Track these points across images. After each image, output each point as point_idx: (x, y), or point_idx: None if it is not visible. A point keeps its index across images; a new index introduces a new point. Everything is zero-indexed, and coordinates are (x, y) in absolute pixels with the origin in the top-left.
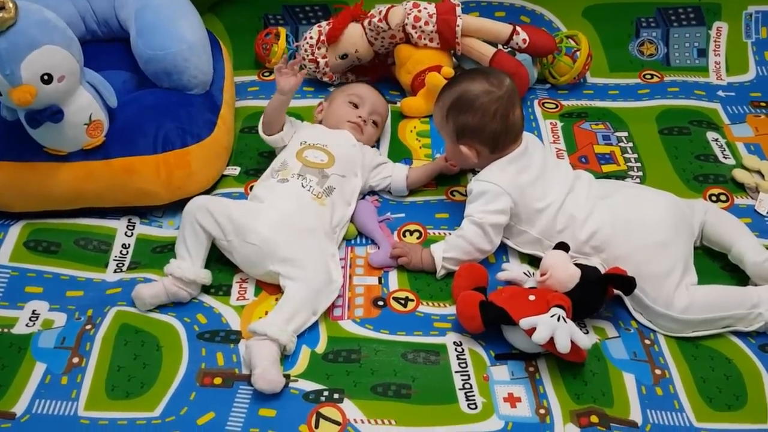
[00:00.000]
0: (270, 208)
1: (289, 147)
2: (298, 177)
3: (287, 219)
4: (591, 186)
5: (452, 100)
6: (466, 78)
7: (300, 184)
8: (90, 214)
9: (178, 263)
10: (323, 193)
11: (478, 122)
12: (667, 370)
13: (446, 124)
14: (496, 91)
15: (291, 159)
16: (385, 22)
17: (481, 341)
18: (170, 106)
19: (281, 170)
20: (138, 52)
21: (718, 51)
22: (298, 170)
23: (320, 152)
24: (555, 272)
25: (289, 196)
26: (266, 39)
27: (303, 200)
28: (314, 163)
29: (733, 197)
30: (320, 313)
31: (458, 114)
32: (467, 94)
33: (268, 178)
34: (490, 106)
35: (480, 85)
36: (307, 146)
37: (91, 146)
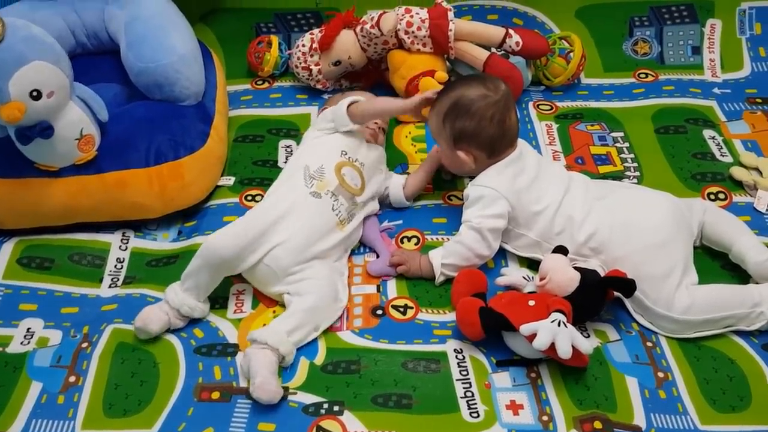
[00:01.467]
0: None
1: (330, 150)
2: (331, 196)
3: (307, 244)
4: (587, 187)
5: (449, 105)
6: (461, 84)
7: (331, 206)
8: (84, 228)
9: (188, 302)
10: (346, 219)
11: (475, 127)
12: (669, 373)
13: (443, 130)
14: (492, 95)
15: (329, 169)
16: (377, 29)
17: (482, 348)
18: (162, 118)
19: (317, 179)
20: (129, 64)
21: (712, 48)
22: (333, 188)
23: (357, 174)
24: (554, 276)
25: (317, 218)
26: (258, 47)
27: (328, 225)
28: (349, 187)
29: (732, 195)
30: (322, 329)
31: (455, 119)
32: (464, 99)
33: (302, 182)
34: (486, 111)
35: (476, 90)
36: (347, 161)
37: (83, 161)
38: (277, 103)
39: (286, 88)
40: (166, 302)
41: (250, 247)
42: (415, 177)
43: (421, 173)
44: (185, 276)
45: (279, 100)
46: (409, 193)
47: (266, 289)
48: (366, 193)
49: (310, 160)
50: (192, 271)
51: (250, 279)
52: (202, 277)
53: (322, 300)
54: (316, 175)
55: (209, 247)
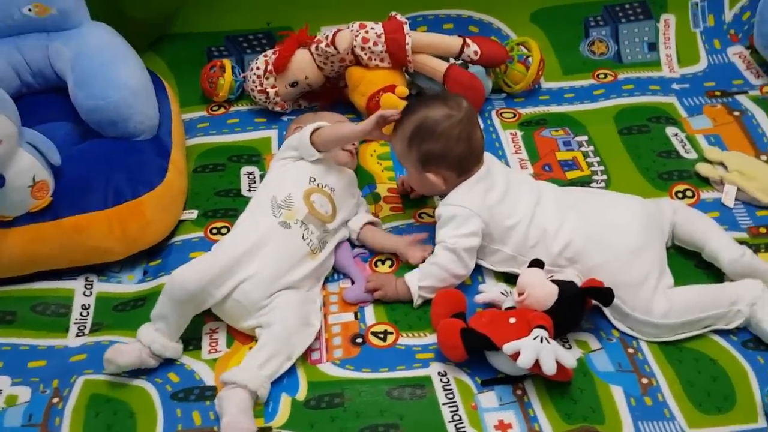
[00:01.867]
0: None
1: (297, 177)
2: (301, 225)
3: (276, 276)
4: (557, 196)
5: (413, 129)
6: (422, 105)
7: (301, 235)
8: (44, 275)
9: (160, 340)
10: (318, 248)
11: (442, 148)
12: (653, 378)
13: (409, 154)
14: (456, 114)
15: (297, 197)
16: (333, 47)
17: (465, 368)
18: (118, 156)
19: (285, 208)
20: (78, 103)
21: (668, 43)
22: (303, 216)
23: (327, 201)
24: (533, 291)
25: (286, 248)
26: (211, 73)
27: (299, 254)
28: (320, 214)
29: (699, 192)
30: (295, 357)
31: (421, 142)
32: (428, 121)
33: (269, 213)
34: (452, 131)
35: (439, 110)
36: (316, 188)
37: (38, 208)
38: (235, 128)
39: (244, 113)
40: (139, 340)
41: (216, 281)
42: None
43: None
44: (154, 315)
45: (237, 125)
46: (360, 240)
47: (238, 324)
48: (337, 219)
49: (277, 189)
50: (160, 309)
51: (221, 315)
52: (171, 315)
53: (291, 326)
54: (284, 204)
55: (174, 281)
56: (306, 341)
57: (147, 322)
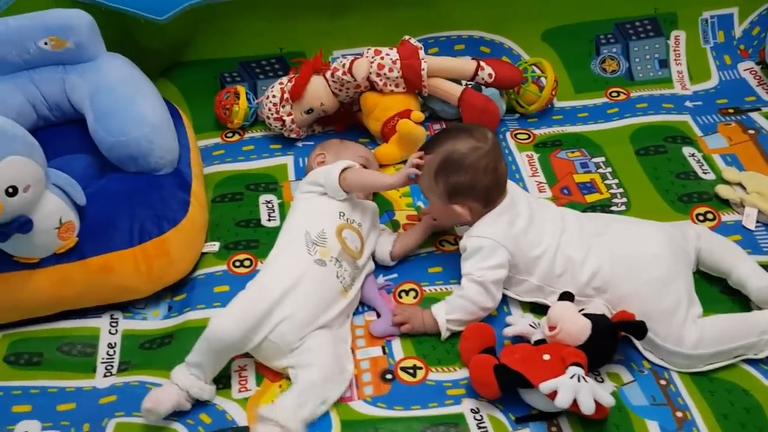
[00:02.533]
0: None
1: (327, 212)
2: (335, 263)
3: (312, 317)
4: (582, 223)
5: (439, 162)
6: (448, 137)
7: (336, 274)
8: (69, 314)
9: (197, 384)
10: (349, 285)
11: (470, 180)
12: (687, 411)
13: (435, 187)
14: (483, 146)
15: (331, 233)
16: (350, 75)
17: (498, 405)
18: (141, 193)
19: (319, 245)
20: (99, 139)
21: (679, 60)
22: (336, 253)
23: (356, 236)
24: (565, 326)
25: (322, 287)
26: (225, 99)
27: (333, 293)
28: (351, 251)
29: (720, 215)
30: (330, 403)
31: (448, 175)
32: (455, 154)
33: (304, 250)
34: (479, 163)
35: (466, 142)
36: (346, 224)
37: (64, 249)
38: (251, 155)
39: (258, 139)
40: (175, 384)
41: (255, 327)
42: (405, 241)
43: (412, 239)
44: (191, 362)
45: (253, 152)
46: (396, 256)
47: (270, 363)
48: (365, 255)
49: (310, 224)
50: (197, 356)
51: (254, 354)
52: (209, 362)
53: (327, 372)
54: (318, 240)
55: (213, 331)
56: (341, 387)
57: (180, 365)
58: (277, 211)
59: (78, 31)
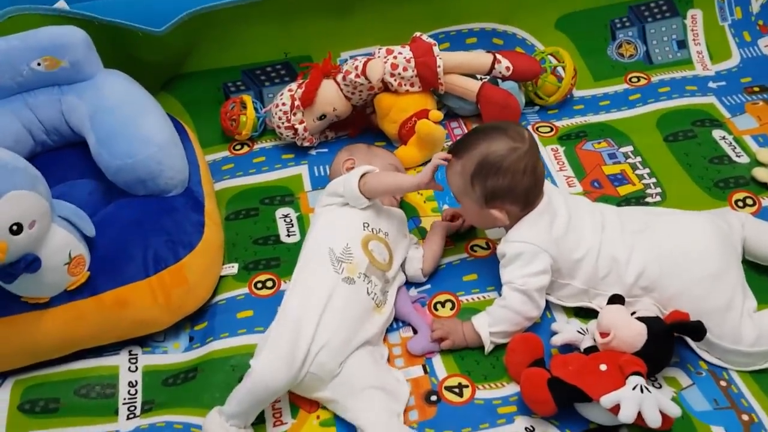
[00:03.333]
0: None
1: (350, 224)
2: (364, 279)
3: (348, 339)
4: (621, 220)
5: (475, 165)
6: (482, 138)
7: (366, 290)
8: (84, 353)
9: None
10: (382, 301)
11: (509, 183)
12: (754, 414)
13: (471, 191)
14: (520, 146)
15: (356, 247)
16: (363, 77)
17: (554, 421)
18: (152, 218)
19: (346, 261)
20: (104, 163)
21: (697, 40)
22: (364, 269)
23: (383, 247)
24: (619, 333)
25: (355, 307)
26: (231, 110)
27: (366, 311)
28: (380, 264)
29: (760, 200)
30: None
31: (486, 179)
32: (492, 156)
33: (330, 268)
34: (518, 164)
35: (502, 143)
36: (372, 235)
37: (76, 285)
38: (262, 167)
39: (269, 149)
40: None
41: (300, 366)
42: (432, 254)
43: (436, 247)
44: (229, 411)
45: (264, 164)
46: (427, 272)
47: (310, 395)
48: (394, 266)
49: (332, 240)
50: (238, 404)
51: (296, 389)
52: (252, 409)
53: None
54: (343, 257)
55: (261, 382)
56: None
57: (214, 416)
58: (296, 225)
59: (73, 48)
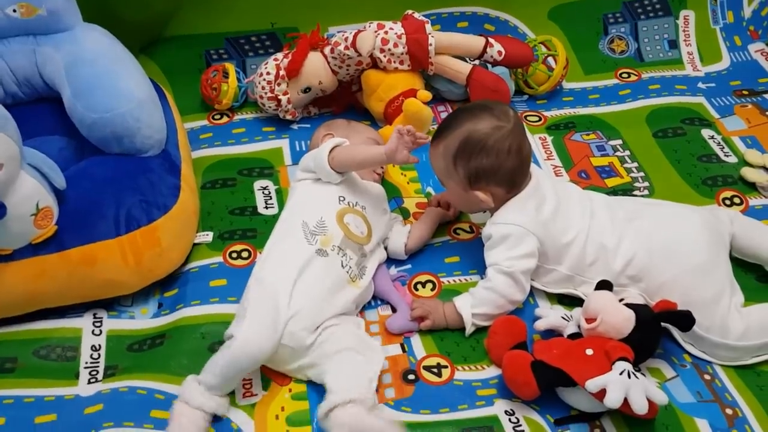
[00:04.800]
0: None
1: (325, 197)
2: (339, 252)
3: (319, 310)
4: (611, 207)
5: (458, 144)
6: (466, 117)
7: (340, 263)
8: (46, 313)
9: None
10: (358, 275)
11: (492, 163)
12: (737, 408)
13: (454, 172)
14: (505, 125)
15: (331, 221)
16: (353, 50)
17: (534, 405)
18: (128, 176)
19: (320, 234)
20: (78, 116)
21: (688, 41)
22: (339, 242)
23: (361, 220)
24: (607, 317)
25: (327, 279)
26: (213, 78)
27: (340, 284)
28: (356, 237)
29: (747, 199)
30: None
31: (469, 159)
32: (475, 135)
33: (303, 240)
34: (503, 143)
35: (486, 122)
36: (348, 208)
37: (42, 238)
38: (242, 138)
39: (250, 121)
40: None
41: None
42: (419, 233)
43: (426, 230)
44: (209, 381)
45: (244, 135)
46: (410, 249)
47: (282, 367)
48: (373, 240)
49: (307, 213)
50: (219, 376)
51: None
52: (234, 380)
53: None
54: (317, 230)
55: (245, 353)
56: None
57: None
58: (275, 198)
59: None
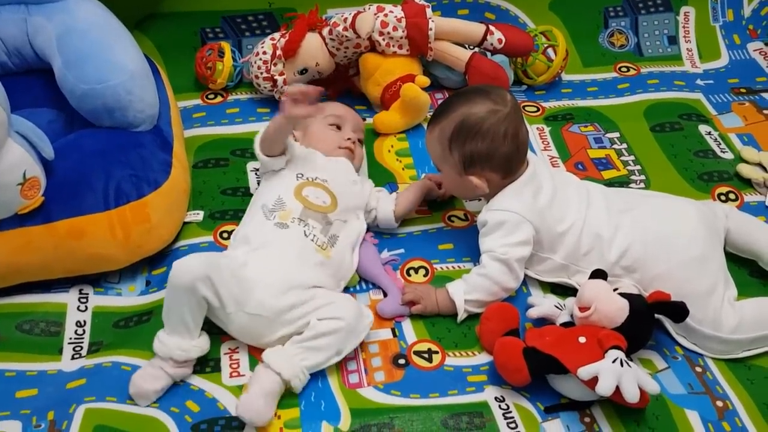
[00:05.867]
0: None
1: (283, 179)
2: (299, 222)
3: (286, 277)
4: (608, 198)
5: (453, 128)
6: (462, 100)
7: (302, 233)
8: (31, 287)
9: (177, 343)
10: (328, 244)
11: (488, 147)
12: (728, 401)
13: (449, 156)
14: (501, 108)
15: (288, 197)
16: (352, 31)
17: (524, 393)
18: (118, 150)
19: (278, 210)
20: (68, 87)
21: (688, 37)
22: (298, 213)
23: (321, 191)
24: (601, 306)
25: (289, 248)
26: (208, 56)
27: (306, 252)
28: (316, 206)
29: (743, 195)
30: (345, 353)
31: (464, 143)
32: (471, 119)
33: (262, 219)
34: (499, 127)
35: (482, 105)
36: (306, 182)
37: (28, 209)
38: (235, 119)
39: (244, 102)
40: (157, 357)
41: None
42: (406, 197)
43: (412, 195)
44: (165, 316)
45: (237, 116)
46: (400, 214)
47: (264, 340)
48: (339, 207)
49: (265, 196)
50: (169, 306)
51: (244, 337)
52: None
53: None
54: (276, 207)
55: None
56: (360, 335)
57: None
58: None
59: None
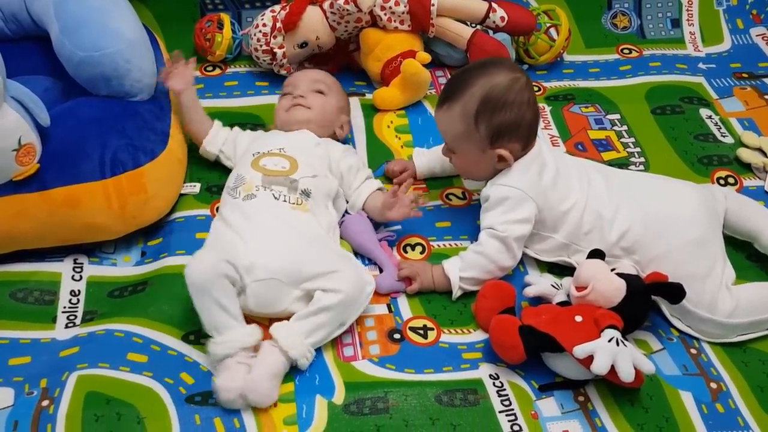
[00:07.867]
0: (254, 241)
1: (240, 162)
2: (264, 189)
3: (285, 236)
4: (608, 178)
5: (479, 102)
6: (479, 74)
7: (271, 196)
8: (25, 256)
9: (232, 337)
10: (301, 198)
11: (516, 117)
12: (722, 383)
13: (475, 132)
14: (521, 76)
15: (246, 172)
16: (353, 4)
17: (519, 371)
18: (115, 119)
19: (240, 186)
20: (65, 54)
21: (691, 21)
22: (260, 181)
23: (279, 158)
24: (598, 285)
25: (266, 213)
26: (207, 28)
27: (284, 213)
28: (276, 171)
29: (742, 180)
30: (349, 324)
31: (492, 115)
32: (496, 89)
33: (230, 199)
34: (523, 95)
35: (503, 75)
36: (261, 155)
37: (23, 176)
38: (234, 92)
39: (243, 75)
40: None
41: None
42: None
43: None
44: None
45: (236, 89)
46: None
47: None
48: (301, 166)
49: (228, 182)
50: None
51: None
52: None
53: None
54: (237, 184)
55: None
56: (363, 303)
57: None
58: None
59: None
